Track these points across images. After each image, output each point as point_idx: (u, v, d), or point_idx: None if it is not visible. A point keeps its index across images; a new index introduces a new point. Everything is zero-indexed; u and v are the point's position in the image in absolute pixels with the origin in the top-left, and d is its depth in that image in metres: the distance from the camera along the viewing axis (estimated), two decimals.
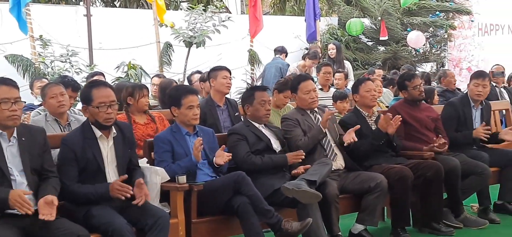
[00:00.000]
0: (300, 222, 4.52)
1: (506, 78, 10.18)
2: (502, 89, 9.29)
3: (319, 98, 5.69)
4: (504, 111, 7.44)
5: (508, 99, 8.84)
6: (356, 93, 5.66)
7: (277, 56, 10.51)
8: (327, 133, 5.29)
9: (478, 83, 6.11)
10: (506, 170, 6.06)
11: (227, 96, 6.04)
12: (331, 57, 10.24)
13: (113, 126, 4.14)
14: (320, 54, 10.19)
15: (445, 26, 13.18)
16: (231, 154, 4.68)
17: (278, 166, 4.92)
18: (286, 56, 10.72)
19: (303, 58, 9.45)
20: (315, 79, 7.29)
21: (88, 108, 4.10)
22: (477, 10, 13.34)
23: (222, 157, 4.63)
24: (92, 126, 4.11)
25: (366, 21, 13.12)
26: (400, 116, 5.43)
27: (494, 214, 5.90)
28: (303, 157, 4.91)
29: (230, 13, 12.48)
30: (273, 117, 5.93)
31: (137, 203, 3.96)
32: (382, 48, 13.21)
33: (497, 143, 6.24)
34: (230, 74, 5.90)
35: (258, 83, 10.36)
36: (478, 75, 6.22)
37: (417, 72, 10.25)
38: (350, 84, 8.95)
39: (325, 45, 12.08)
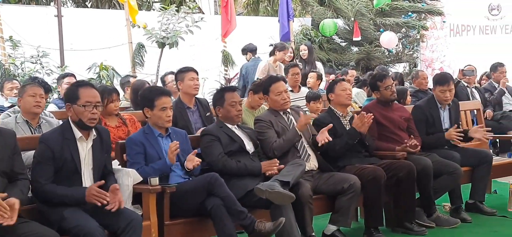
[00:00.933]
0: (273, 222, 4.51)
1: (477, 78, 10.32)
2: (473, 89, 9.40)
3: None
4: (475, 111, 7.52)
5: (479, 99, 8.94)
6: (332, 92, 5.67)
7: (256, 56, 10.54)
8: (301, 134, 5.30)
9: (444, 89, 6.16)
10: (477, 169, 6.14)
11: (199, 96, 6.00)
12: (303, 58, 10.26)
13: (93, 129, 4.11)
14: (291, 53, 10.18)
15: (417, 27, 13.29)
16: (200, 159, 4.63)
17: (252, 174, 4.89)
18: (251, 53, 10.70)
19: (272, 53, 9.41)
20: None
21: (72, 106, 4.06)
22: (448, 11, 13.47)
23: (192, 161, 4.60)
24: (73, 126, 4.06)
25: (340, 22, 13.18)
26: (371, 114, 5.45)
27: (465, 213, 5.96)
28: (277, 166, 4.88)
29: (203, 14, 12.44)
30: (248, 118, 5.92)
31: (111, 209, 3.91)
32: (355, 49, 13.28)
33: (467, 141, 6.30)
34: (197, 75, 5.85)
35: (233, 83, 10.34)
36: (442, 81, 6.21)
37: (390, 73, 10.31)
38: (322, 85, 8.98)
39: (298, 45, 12.10)
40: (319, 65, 10.48)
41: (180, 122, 5.50)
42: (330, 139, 5.18)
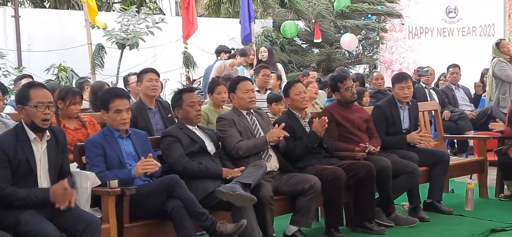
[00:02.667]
0: (234, 223, 4.51)
1: (435, 79, 10.49)
2: (431, 91, 9.56)
3: (256, 100, 5.70)
4: (433, 112, 7.64)
5: (437, 100, 9.09)
6: (287, 97, 5.70)
7: (219, 57, 10.52)
8: (262, 134, 5.32)
9: (402, 86, 6.26)
10: (435, 169, 6.24)
11: (161, 97, 5.97)
12: (263, 60, 10.29)
13: (47, 130, 4.03)
14: (253, 56, 10.20)
15: (377, 29, 13.44)
16: (159, 164, 4.59)
17: (213, 176, 4.87)
18: (225, 54, 10.74)
19: (233, 56, 9.43)
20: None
21: (24, 108, 3.98)
22: (407, 13, 13.66)
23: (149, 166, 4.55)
24: (26, 128, 3.98)
25: (301, 24, 13.24)
26: (326, 117, 5.50)
27: (424, 212, 6.04)
28: (239, 174, 4.85)
29: (164, 15, 12.37)
30: (213, 117, 5.90)
31: (59, 207, 3.84)
32: (316, 50, 13.35)
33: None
34: (158, 76, 5.82)
35: (196, 84, 10.30)
36: (400, 78, 6.34)
37: (351, 74, 10.40)
38: (283, 86, 9.01)
39: (259, 47, 12.12)
40: (279, 66, 10.52)
41: (140, 123, 5.47)
42: (287, 134, 5.20)
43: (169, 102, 6.02)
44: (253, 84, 7.14)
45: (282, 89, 8.54)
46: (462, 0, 13.81)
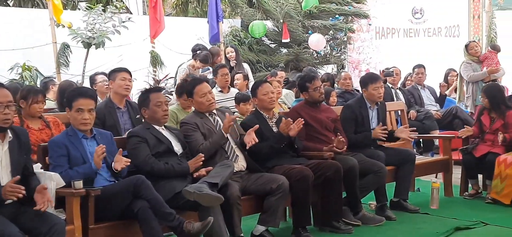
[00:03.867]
0: (201, 222, 4.49)
1: (401, 79, 10.60)
2: (398, 91, 9.65)
3: (219, 100, 5.68)
4: (399, 111, 7.71)
5: (403, 100, 9.18)
6: (255, 97, 5.69)
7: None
8: (228, 135, 5.29)
9: (377, 86, 6.30)
10: (401, 168, 6.30)
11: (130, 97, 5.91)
12: (230, 60, 10.30)
13: (8, 130, 3.95)
14: (219, 57, 10.18)
15: (344, 29, 13.51)
16: (129, 159, 4.55)
17: (180, 176, 4.83)
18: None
19: (194, 58, 9.41)
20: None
21: None
22: (374, 14, 13.77)
23: (120, 162, 4.52)
24: None
25: (269, 24, 13.23)
26: (302, 119, 5.50)
27: (390, 211, 6.10)
28: (203, 159, 4.86)
29: (131, 14, 12.25)
30: (182, 117, 5.84)
31: (40, 209, 3.78)
32: (284, 50, 13.36)
33: (393, 141, 6.46)
34: (130, 75, 5.77)
35: (162, 85, 10.21)
36: (374, 79, 6.38)
37: (319, 74, 10.44)
38: (250, 86, 9.00)
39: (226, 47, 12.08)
40: (245, 66, 10.52)
41: (108, 122, 5.41)
42: (257, 140, 5.20)
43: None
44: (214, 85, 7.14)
45: (249, 89, 8.55)
46: (428, 2, 13.97)
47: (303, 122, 5.49)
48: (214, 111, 5.44)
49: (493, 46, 10.53)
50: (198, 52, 9.49)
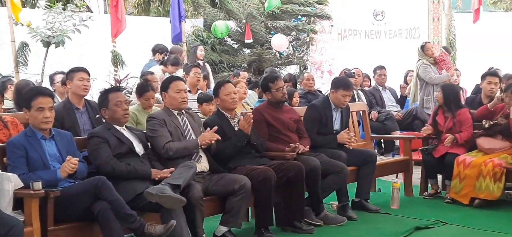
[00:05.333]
0: (163, 225, 4.45)
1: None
2: (359, 91, 9.73)
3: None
4: (361, 112, 7.78)
5: (364, 101, 9.27)
6: (217, 97, 5.68)
7: (152, 57, 10.44)
8: (193, 135, 5.27)
9: (346, 94, 6.35)
10: (362, 168, 6.35)
11: (88, 98, 5.83)
12: (200, 59, 10.31)
13: None
14: (181, 56, 10.15)
15: (307, 30, 13.58)
16: (77, 165, 4.47)
17: (142, 177, 4.78)
18: (161, 54, 10.70)
19: (164, 64, 9.34)
20: None
21: None
22: (336, 15, 13.86)
23: (67, 165, 4.42)
24: None
25: (231, 24, 13.22)
26: (250, 114, 5.52)
27: (352, 211, 6.15)
28: (169, 175, 4.79)
29: (92, 12, 12.08)
30: (143, 118, 5.81)
31: None
32: (247, 51, 13.37)
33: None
34: (89, 75, 5.69)
35: (124, 84, 10.10)
36: (346, 86, 6.37)
37: (282, 75, 10.46)
38: (211, 86, 8.99)
39: (190, 46, 12.01)
40: (207, 66, 10.50)
41: (67, 123, 5.33)
42: (219, 137, 5.18)
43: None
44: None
45: (210, 89, 8.53)
46: (389, 4, 14.14)
47: (253, 117, 5.51)
48: (183, 111, 5.40)
49: (446, 48, 10.77)
50: (164, 55, 9.48)
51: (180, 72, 8.75)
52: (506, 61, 12.33)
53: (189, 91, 7.61)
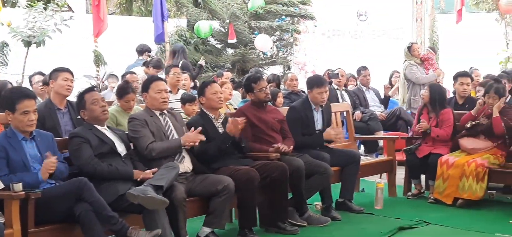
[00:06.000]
0: (148, 231, 4.42)
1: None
2: (343, 92, 9.73)
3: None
4: (344, 112, 7.78)
5: (348, 101, 9.27)
6: (202, 96, 5.63)
7: (140, 57, 10.42)
8: (175, 135, 5.23)
9: (321, 91, 6.33)
10: (346, 169, 6.35)
11: (70, 98, 5.76)
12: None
13: None
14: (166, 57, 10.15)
15: (290, 30, 13.57)
16: (56, 163, 4.40)
17: (124, 178, 4.73)
18: (149, 53, 10.77)
19: (146, 65, 9.30)
20: None
21: None
22: (320, 15, 13.88)
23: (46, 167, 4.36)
24: None
25: (215, 24, 13.17)
26: (244, 118, 5.48)
27: (335, 212, 6.14)
28: (151, 176, 4.74)
29: (73, 12, 11.98)
30: (123, 119, 5.77)
31: None
32: (231, 51, 13.33)
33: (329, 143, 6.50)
34: (72, 76, 5.63)
35: (105, 84, 10.03)
36: (320, 83, 6.40)
37: (265, 75, 10.45)
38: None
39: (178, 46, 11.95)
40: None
41: (48, 124, 5.27)
42: (203, 138, 5.15)
43: None
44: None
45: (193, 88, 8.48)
46: (372, 4, 14.21)
47: (246, 120, 5.48)
48: (165, 111, 5.35)
49: (432, 48, 10.83)
50: (148, 57, 9.46)
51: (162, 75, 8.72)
52: (488, 62, 12.46)
53: (170, 92, 7.57)
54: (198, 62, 10.82)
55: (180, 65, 9.75)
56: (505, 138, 6.54)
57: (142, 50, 10.71)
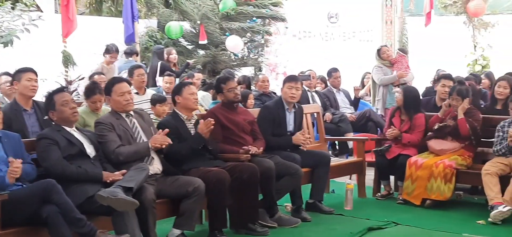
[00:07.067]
0: (117, 235, 4.38)
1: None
2: (314, 93, 9.78)
3: (135, 102, 5.53)
4: (315, 114, 7.81)
5: (319, 103, 9.32)
6: (179, 95, 5.60)
7: (130, 58, 10.36)
8: (143, 136, 5.19)
9: (291, 86, 6.36)
10: (316, 170, 6.38)
11: (37, 99, 5.69)
12: (173, 61, 10.35)
13: None
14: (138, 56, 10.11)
15: (262, 32, 13.59)
16: (20, 167, 4.33)
17: (93, 180, 4.68)
18: (137, 56, 10.78)
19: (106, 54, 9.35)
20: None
21: None
22: (291, 17, 13.91)
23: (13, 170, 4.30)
24: None
25: (186, 25, 13.12)
26: (212, 120, 5.48)
27: (305, 213, 6.16)
28: (121, 178, 4.69)
29: (42, 12, 11.82)
30: (91, 120, 5.70)
31: None
32: (202, 52, 13.28)
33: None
34: (36, 76, 5.55)
35: (75, 85, 9.92)
36: (291, 78, 6.49)
37: (236, 76, 10.44)
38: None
39: (144, 47, 11.87)
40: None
41: (15, 125, 5.18)
42: (170, 142, 5.11)
43: None
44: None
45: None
46: (343, 6, 14.29)
47: (214, 122, 5.47)
48: (131, 112, 5.31)
49: (402, 49, 10.94)
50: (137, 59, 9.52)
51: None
52: (456, 64, 12.62)
53: (136, 93, 7.53)
54: (186, 61, 10.91)
55: (158, 66, 9.76)
56: (471, 139, 6.64)
57: (131, 52, 10.72)
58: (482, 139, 6.75)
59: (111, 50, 9.75)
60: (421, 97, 7.45)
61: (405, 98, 7.01)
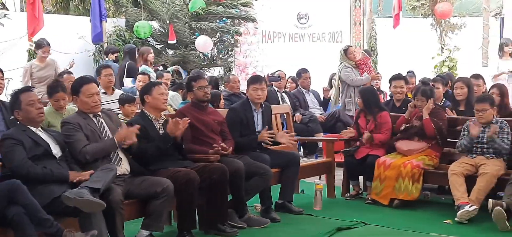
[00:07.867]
0: (84, 232, 4.32)
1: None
2: (283, 94, 9.80)
3: (102, 102, 5.46)
4: (285, 114, 7.81)
5: (289, 103, 9.34)
6: (149, 94, 5.53)
7: (107, 58, 10.24)
8: (110, 137, 5.12)
9: (256, 87, 6.35)
10: (286, 170, 6.37)
11: (3, 98, 5.58)
12: (151, 60, 10.30)
13: None
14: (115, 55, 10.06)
15: (231, 32, 13.56)
16: None
17: (59, 180, 4.60)
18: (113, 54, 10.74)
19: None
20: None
21: None
22: (261, 18, 13.93)
23: None
24: None
25: (155, 24, 13.03)
26: (188, 118, 5.43)
27: (275, 213, 6.15)
28: (88, 178, 4.62)
29: (8, 10, 11.64)
30: (55, 120, 5.63)
31: None
32: (171, 52, 13.20)
33: (277, 144, 6.53)
34: (2, 74, 5.45)
35: None
36: (255, 80, 6.47)
37: (205, 76, 10.41)
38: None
39: (112, 46, 11.74)
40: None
41: None
42: (135, 140, 5.06)
43: None
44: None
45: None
46: (312, 7, 14.35)
47: (189, 121, 5.43)
48: (99, 112, 5.23)
49: (367, 51, 11.06)
50: (116, 55, 9.44)
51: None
52: (423, 66, 12.78)
53: (104, 93, 7.45)
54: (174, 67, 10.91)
55: (126, 66, 9.69)
56: (437, 139, 6.71)
57: (108, 51, 10.64)
58: (448, 140, 6.83)
59: (42, 45, 9.47)
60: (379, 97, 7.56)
61: (364, 100, 7.10)
